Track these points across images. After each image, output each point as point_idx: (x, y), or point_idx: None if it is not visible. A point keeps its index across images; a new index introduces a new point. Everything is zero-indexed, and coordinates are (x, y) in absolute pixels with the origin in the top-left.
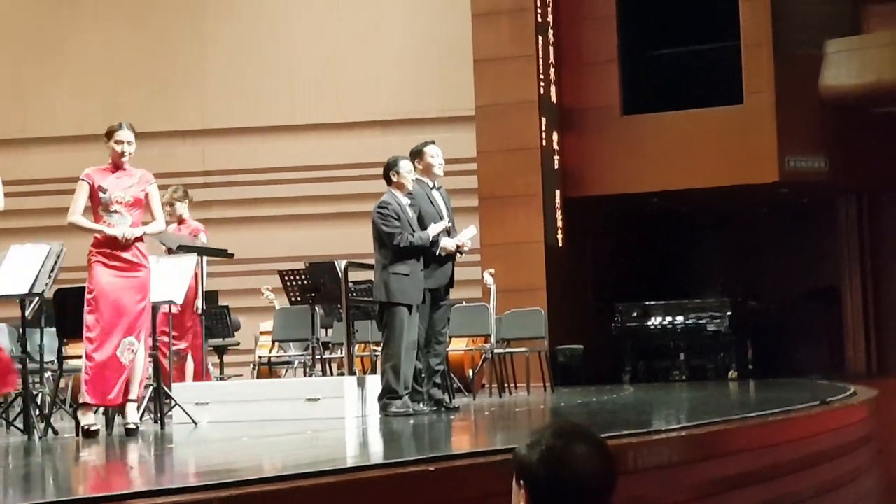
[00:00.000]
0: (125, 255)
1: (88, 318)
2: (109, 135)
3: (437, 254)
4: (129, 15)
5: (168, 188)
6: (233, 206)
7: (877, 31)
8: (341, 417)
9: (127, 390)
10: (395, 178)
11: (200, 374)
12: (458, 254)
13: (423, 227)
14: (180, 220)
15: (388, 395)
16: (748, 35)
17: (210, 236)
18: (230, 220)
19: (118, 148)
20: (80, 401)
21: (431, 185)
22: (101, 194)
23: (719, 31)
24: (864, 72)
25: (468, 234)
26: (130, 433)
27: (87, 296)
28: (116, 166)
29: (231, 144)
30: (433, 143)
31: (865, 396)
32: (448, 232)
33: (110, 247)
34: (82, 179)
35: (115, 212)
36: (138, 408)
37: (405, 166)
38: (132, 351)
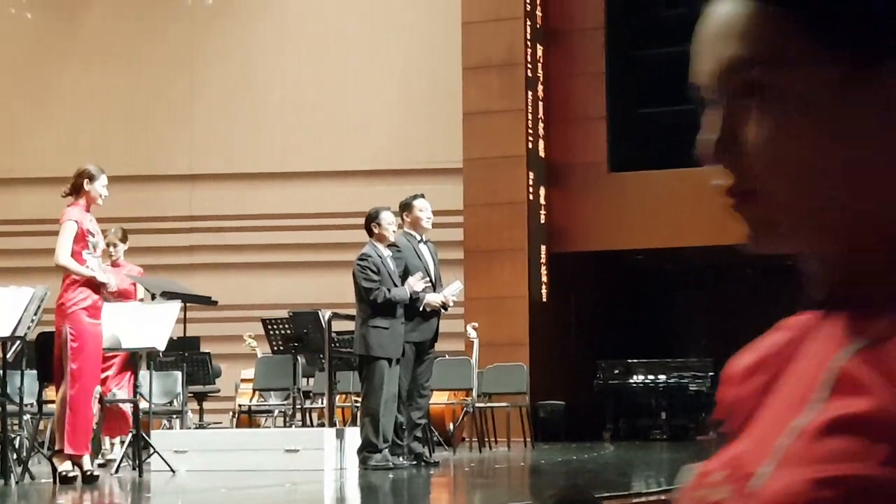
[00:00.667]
0: (99, 302)
1: (73, 368)
2: (92, 178)
3: (422, 309)
4: (119, 60)
5: (108, 230)
6: (218, 252)
7: None
8: (320, 469)
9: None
10: (375, 230)
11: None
12: (442, 309)
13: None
14: (115, 263)
15: (367, 448)
16: None
17: (194, 281)
18: (215, 265)
19: (104, 193)
20: (57, 448)
21: (419, 238)
22: (90, 238)
23: None
24: None
25: (453, 290)
26: (92, 480)
27: (72, 344)
28: (88, 209)
29: (218, 190)
30: (422, 196)
31: None
32: (433, 286)
33: (95, 293)
34: (73, 221)
35: (98, 257)
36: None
37: (386, 218)
38: (98, 399)
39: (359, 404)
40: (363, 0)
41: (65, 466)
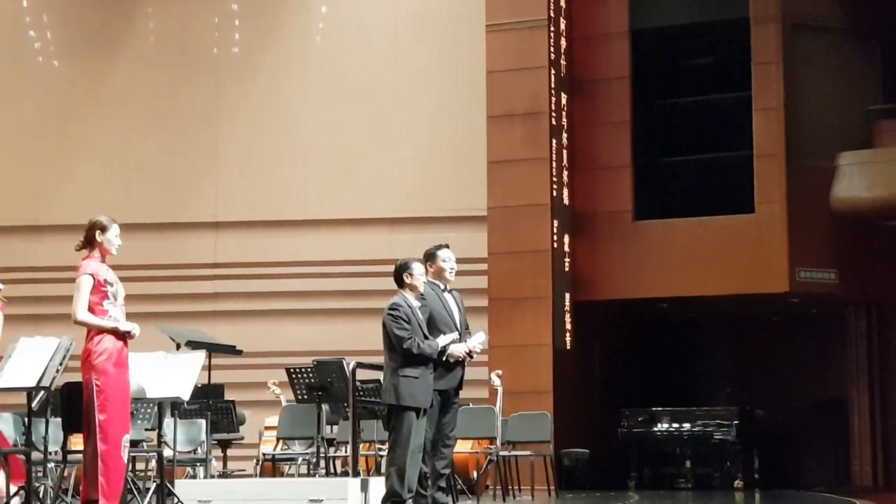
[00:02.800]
0: (124, 352)
1: (102, 419)
2: (104, 229)
3: (445, 359)
4: (144, 109)
5: None
6: (242, 299)
7: (889, 145)
8: None
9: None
10: (407, 280)
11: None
12: (468, 358)
13: (433, 329)
14: None
15: (391, 498)
16: (761, 145)
17: (218, 328)
18: (239, 312)
19: (118, 243)
20: (92, 499)
21: (443, 287)
22: (108, 288)
23: (732, 141)
24: (875, 185)
25: (478, 341)
26: None
27: (100, 396)
28: (103, 260)
29: (242, 238)
30: (447, 247)
31: None
32: (460, 336)
33: (120, 343)
34: (87, 275)
35: (120, 306)
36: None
37: (418, 269)
38: (128, 448)
39: (382, 453)
40: (387, 49)
41: None
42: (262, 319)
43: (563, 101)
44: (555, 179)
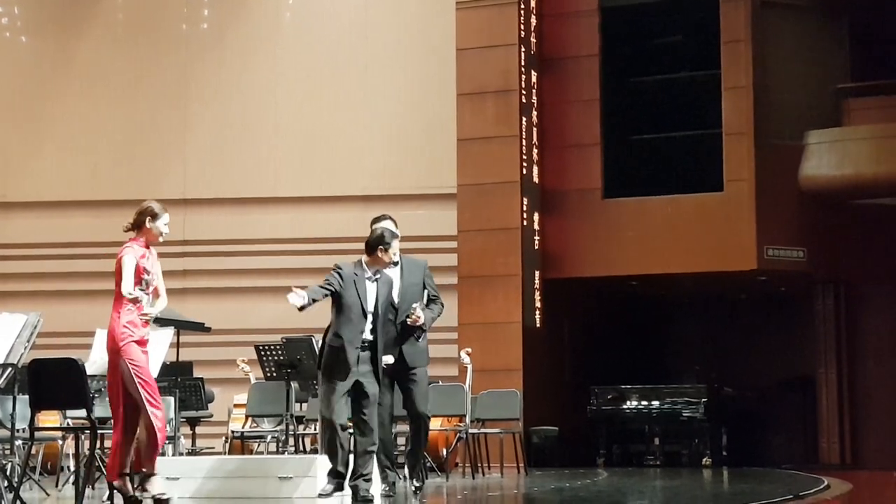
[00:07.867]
0: (147, 336)
1: (147, 395)
2: (154, 216)
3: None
4: (113, 85)
5: None
6: (211, 277)
7: (857, 124)
8: (313, 497)
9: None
10: (381, 255)
11: None
12: (410, 326)
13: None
14: None
15: (359, 476)
16: (730, 123)
17: (187, 306)
18: (208, 290)
19: (165, 231)
20: (147, 472)
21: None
22: (144, 276)
23: (702, 119)
24: (843, 164)
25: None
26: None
27: (139, 374)
28: (147, 246)
29: (211, 215)
30: (385, 218)
31: (839, 491)
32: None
33: (143, 325)
34: (132, 257)
35: (149, 294)
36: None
37: (395, 247)
38: None
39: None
40: (357, 25)
41: (159, 488)
42: (231, 297)
43: (534, 78)
44: (524, 157)
